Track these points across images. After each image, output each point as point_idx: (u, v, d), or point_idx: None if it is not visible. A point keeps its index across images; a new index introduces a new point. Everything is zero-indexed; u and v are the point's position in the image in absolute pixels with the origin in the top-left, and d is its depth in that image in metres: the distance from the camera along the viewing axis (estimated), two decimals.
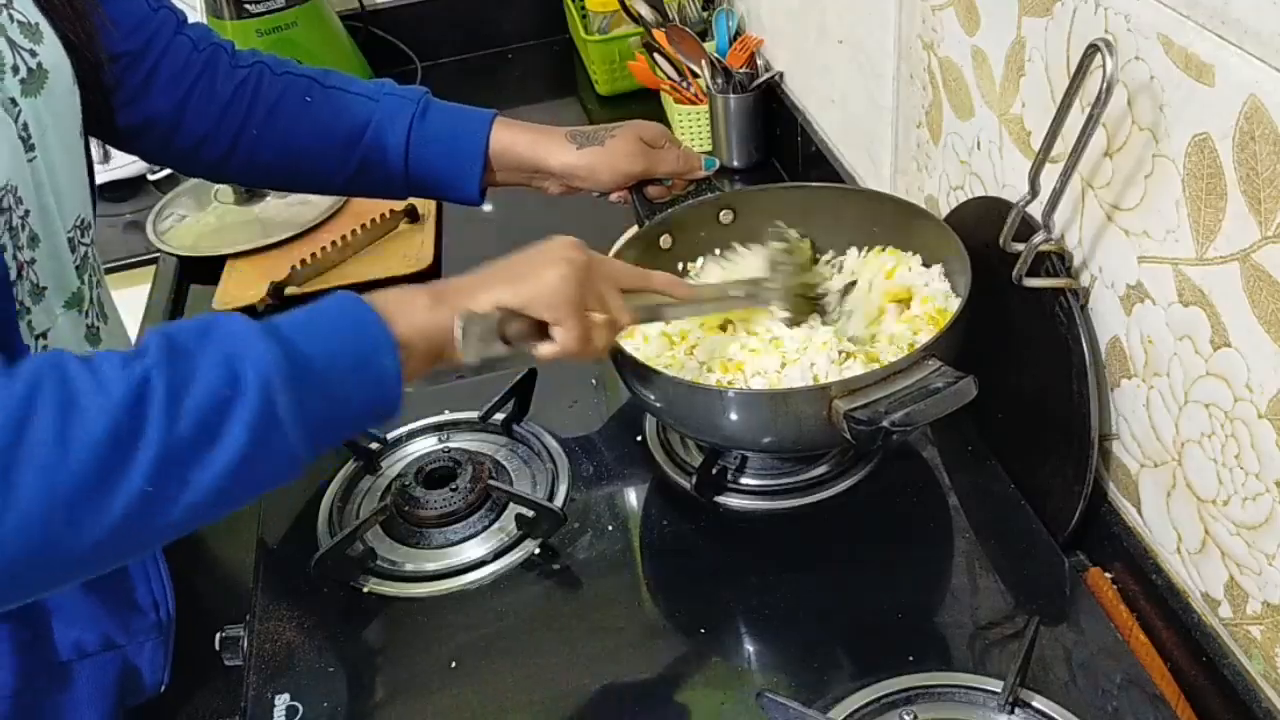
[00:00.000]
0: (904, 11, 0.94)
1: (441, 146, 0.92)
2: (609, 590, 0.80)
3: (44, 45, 0.69)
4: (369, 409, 0.61)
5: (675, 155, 0.95)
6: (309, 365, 0.57)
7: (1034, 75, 0.75)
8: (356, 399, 0.60)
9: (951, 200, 0.92)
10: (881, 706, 0.68)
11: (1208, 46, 0.57)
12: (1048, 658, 0.71)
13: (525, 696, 0.73)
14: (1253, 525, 0.63)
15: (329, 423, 0.59)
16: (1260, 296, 0.57)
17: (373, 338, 0.60)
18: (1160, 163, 0.63)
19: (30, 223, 0.66)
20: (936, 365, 0.72)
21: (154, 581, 0.76)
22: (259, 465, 0.55)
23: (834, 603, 0.77)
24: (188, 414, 0.52)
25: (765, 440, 0.80)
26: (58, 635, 0.73)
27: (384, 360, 0.60)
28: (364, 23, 1.70)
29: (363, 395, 0.60)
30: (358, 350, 0.60)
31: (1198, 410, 0.65)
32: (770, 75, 1.34)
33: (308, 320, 0.60)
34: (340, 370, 0.59)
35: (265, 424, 0.54)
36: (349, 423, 0.62)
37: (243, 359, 0.55)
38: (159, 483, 0.52)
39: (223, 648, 0.79)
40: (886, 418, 0.69)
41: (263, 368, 0.55)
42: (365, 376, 0.60)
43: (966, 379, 0.70)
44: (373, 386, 0.60)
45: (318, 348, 0.58)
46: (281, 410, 0.55)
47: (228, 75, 0.89)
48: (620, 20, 1.55)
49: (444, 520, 0.86)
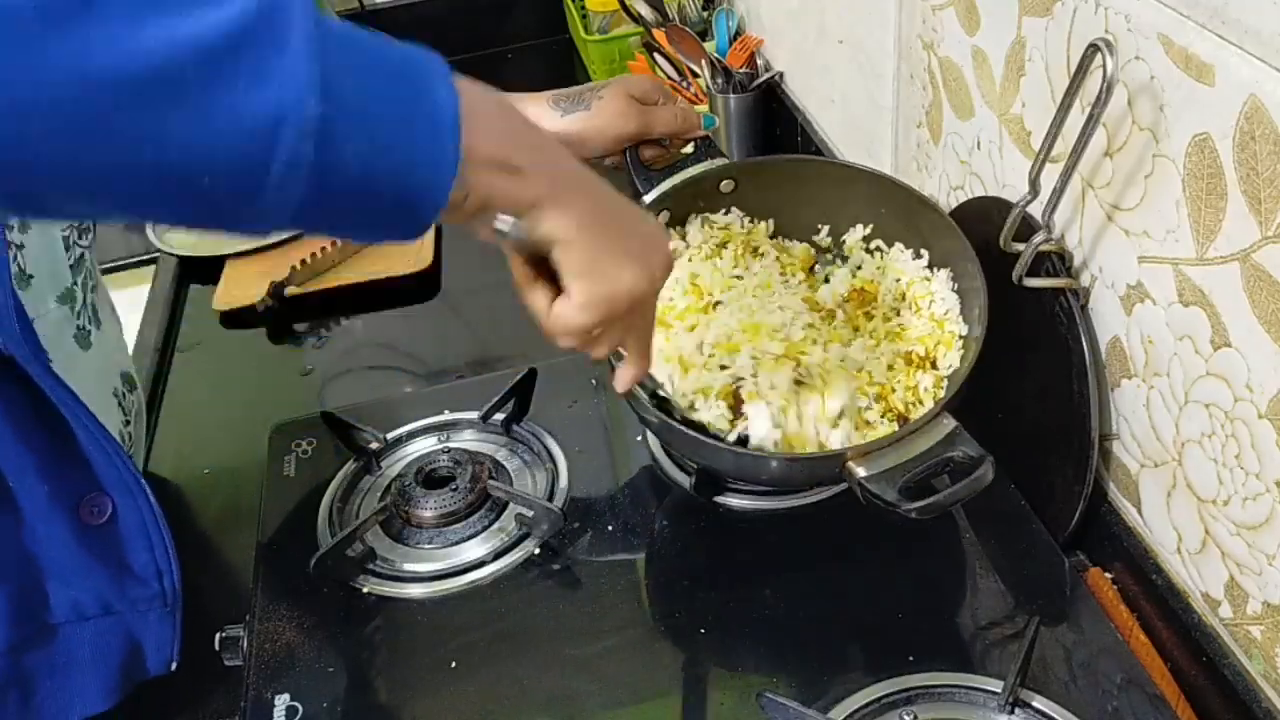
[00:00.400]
0: (904, 11, 0.94)
1: None
2: (609, 590, 0.80)
3: None
4: (408, 136, 0.46)
5: (671, 113, 0.87)
6: (342, 29, 0.45)
7: (1034, 75, 0.75)
8: (396, 104, 0.46)
9: (952, 200, 0.92)
10: (881, 706, 0.68)
11: (1208, 46, 0.57)
12: (1048, 658, 0.71)
13: (525, 696, 0.73)
14: (1253, 525, 0.63)
15: (350, 103, 0.44)
16: (1260, 296, 0.57)
17: (429, 65, 0.48)
18: (1160, 163, 0.63)
19: None
20: (953, 426, 0.71)
21: (157, 551, 0.75)
22: (242, 65, 0.41)
23: (834, 603, 0.77)
24: None
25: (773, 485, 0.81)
26: (53, 595, 0.73)
27: (438, 89, 0.47)
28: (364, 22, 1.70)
29: (406, 108, 0.46)
30: (411, 60, 0.48)
31: (1198, 410, 0.65)
32: (770, 75, 1.34)
33: (371, 47, 0.47)
34: (381, 57, 0.47)
35: (267, 16, 0.41)
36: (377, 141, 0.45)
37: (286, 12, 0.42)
38: None
39: (223, 648, 0.79)
40: (904, 505, 0.67)
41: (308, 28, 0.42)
42: (416, 93, 0.47)
43: (985, 461, 0.68)
44: (421, 112, 0.47)
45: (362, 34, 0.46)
46: (296, 16, 0.42)
47: None
48: (620, 20, 1.55)
49: (444, 520, 0.86)
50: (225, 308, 1.23)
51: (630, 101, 0.86)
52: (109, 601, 0.75)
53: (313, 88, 0.42)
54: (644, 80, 0.89)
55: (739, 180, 0.90)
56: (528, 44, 1.82)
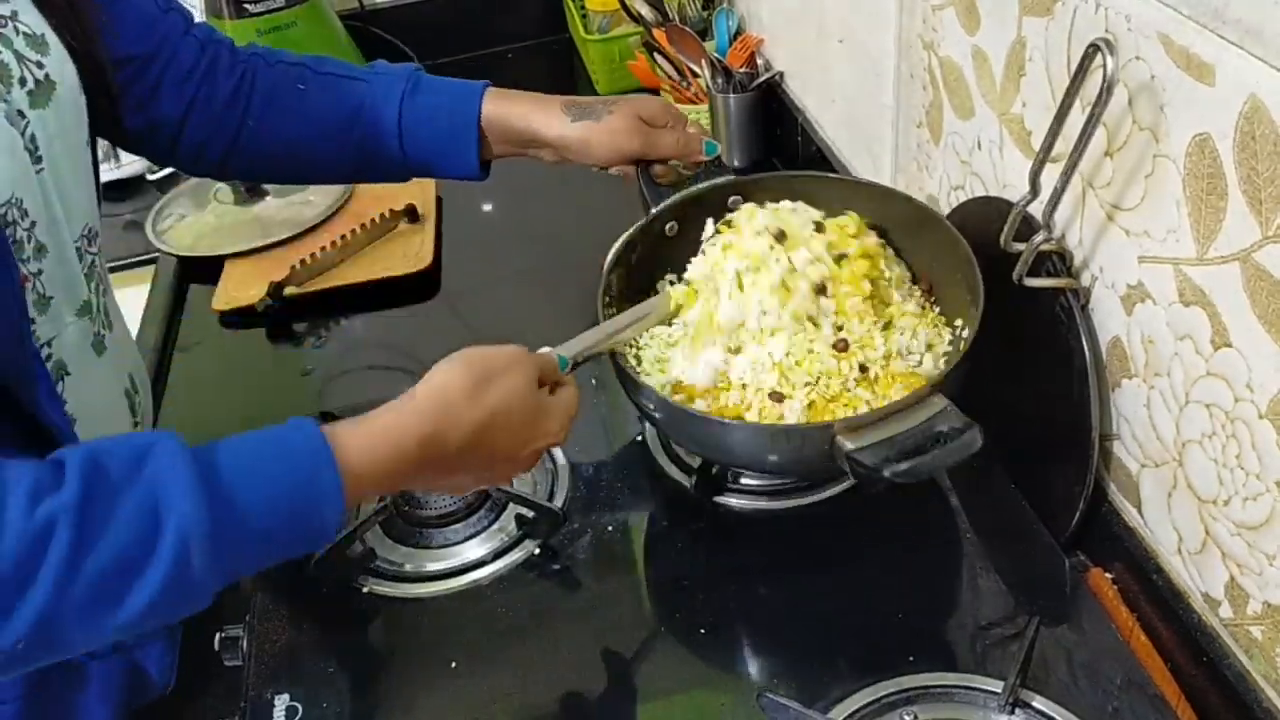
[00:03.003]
0: (904, 11, 0.94)
1: (434, 120, 0.90)
2: (609, 590, 0.80)
3: (50, 56, 0.69)
4: (295, 551, 0.58)
5: (675, 138, 0.91)
6: (239, 523, 0.54)
7: (1034, 75, 0.75)
8: (282, 552, 0.57)
9: (952, 200, 0.92)
10: (881, 706, 0.68)
11: (1208, 46, 0.57)
12: (1048, 658, 0.71)
13: (525, 696, 0.73)
14: (1253, 525, 0.63)
15: (247, 567, 0.57)
16: (1261, 296, 0.57)
17: (320, 492, 0.57)
18: (1161, 162, 0.63)
19: (37, 234, 0.66)
20: (943, 404, 0.71)
21: None
22: (160, 617, 0.53)
23: (834, 603, 0.77)
24: (89, 572, 0.49)
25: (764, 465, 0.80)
26: None
27: (325, 514, 0.57)
28: (364, 23, 1.70)
29: (289, 550, 0.58)
30: (297, 505, 0.56)
31: (1198, 410, 0.65)
32: (770, 75, 1.34)
33: (254, 459, 0.56)
34: (273, 531, 0.56)
35: (176, 584, 0.51)
36: (269, 563, 0.58)
37: (167, 512, 0.51)
38: (36, 642, 0.49)
39: (223, 648, 0.79)
40: (889, 467, 0.67)
41: (186, 527, 0.51)
42: (300, 538, 0.57)
43: (972, 429, 0.68)
44: (304, 544, 0.58)
45: (255, 502, 0.54)
46: (195, 571, 0.52)
47: (227, 73, 0.89)
48: (620, 20, 1.55)
49: (444, 520, 0.86)
50: (225, 308, 1.23)
51: (637, 121, 0.89)
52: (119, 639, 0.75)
53: (217, 589, 0.54)
54: (655, 103, 0.92)
55: (745, 195, 0.92)
56: (528, 44, 1.82)
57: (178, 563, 0.51)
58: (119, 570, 0.50)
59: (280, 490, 0.56)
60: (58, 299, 0.69)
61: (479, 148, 0.90)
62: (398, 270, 1.24)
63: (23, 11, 0.68)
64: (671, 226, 0.92)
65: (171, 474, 0.52)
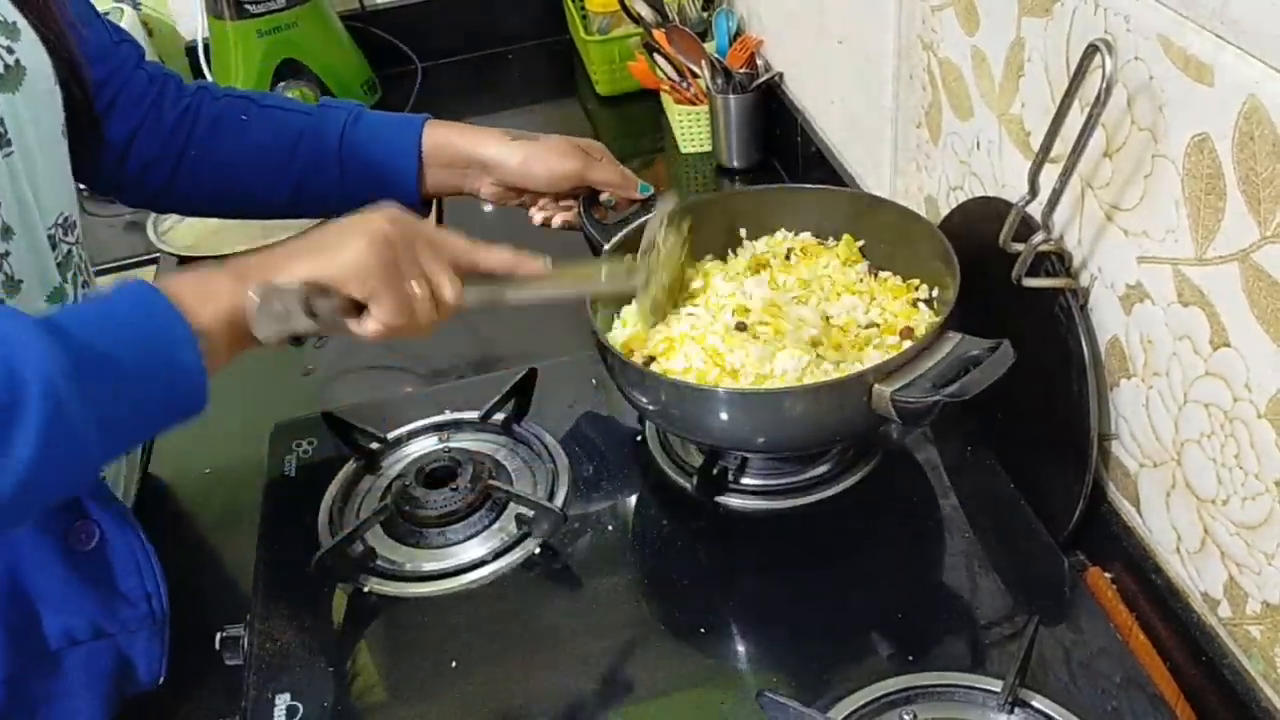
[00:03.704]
0: (904, 12, 0.94)
1: (374, 148, 0.92)
2: (609, 590, 0.80)
3: (22, 43, 0.70)
4: (172, 406, 0.58)
5: (612, 166, 0.95)
6: (98, 362, 0.53)
7: (1033, 75, 0.75)
8: (156, 397, 0.56)
9: (951, 200, 0.93)
10: (881, 706, 0.68)
11: (1207, 47, 0.57)
12: (1047, 657, 0.71)
13: (525, 696, 0.73)
14: (1252, 525, 0.63)
15: (128, 422, 0.56)
16: (1259, 296, 0.57)
17: (169, 331, 0.57)
18: (1160, 163, 0.63)
19: (2, 215, 0.67)
20: (959, 338, 0.72)
21: (145, 574, 0.76)
22: (51, 473, 0.52)
23: (834, 603, 0.77)
24: None
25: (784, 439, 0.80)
26: (47, 623, 0.74)
27: (183, 355, 0.57)
28: (364, 23, 1.71)
29: (163, 393, 0.57)
30: (153, 345, 0.56)
31: (1197, 410, 0.65)
32: (770, 75, 1.34)
33: (97, 314, 0.56)
34: (135, 367, 0.55)
35: (54, 429, 0.50)
36: (150, 421, 0.58)
37: (22, 362, 0.50)
38: None
39: (223, 648, 0.79)
40: (939, 392, 0.68)
41: (45, 368, 0.50)
42: (163, 374, 0.56)
43: (1003, 344, 0.70)
44: (173, 383, 0.57)
45: (107, 343, 0.54)
46: (71, 413, 0.51)
47: (173, 103, 0.91)
48: (620, 20, 1.55)
49: (444, 520, 0.86)
50: None
51: (574, 146, 0.93)
52: (100, 625, 0.75)
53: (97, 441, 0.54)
54: (589, 141, 0.96)
55: (696, 219, 0.93)
56: (528, 44, 1.82)
57: (48, 402, 0.50)
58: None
59: (128, 339, 0.55)
60: (28, 282, 0.69)
61: (419, 178, 0.92)
62: None
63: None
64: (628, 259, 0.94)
65: (14, 328, 0.52)
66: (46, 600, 0.73)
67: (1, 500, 0.50)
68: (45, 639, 0.74)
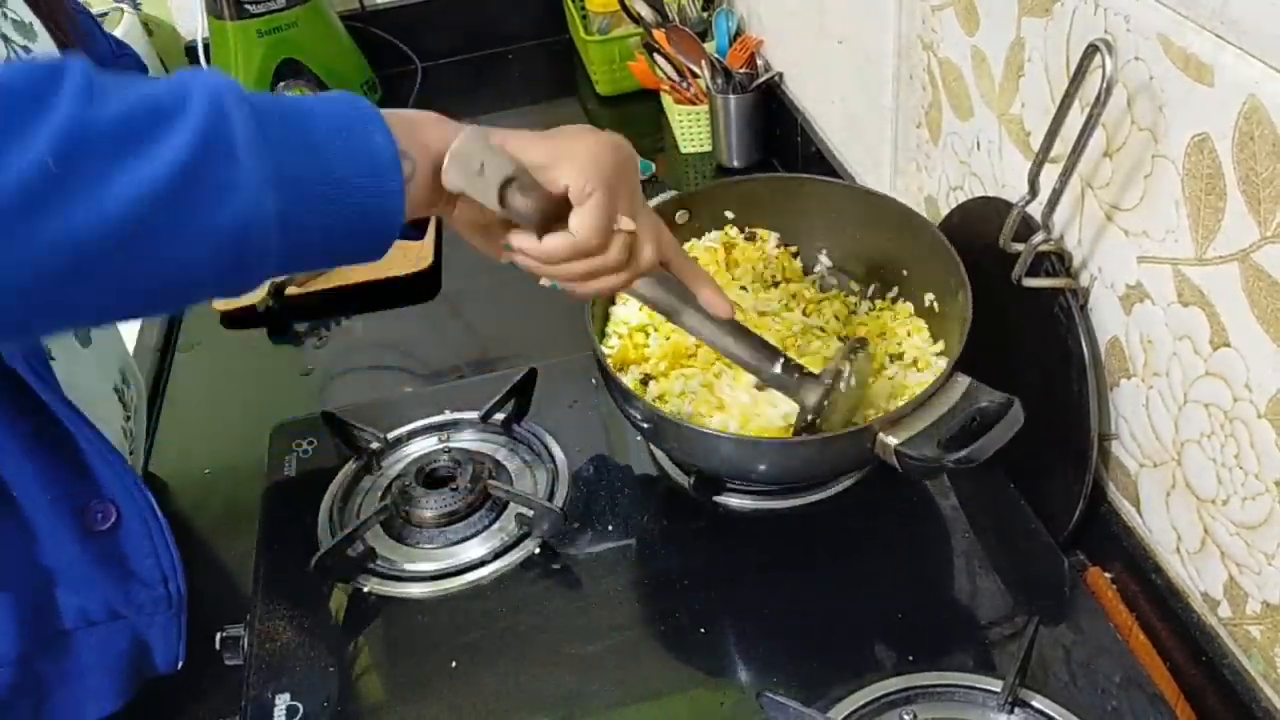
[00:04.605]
0: (904, 12, 0.94)
1: None
2: (609, 590, 0.80)
3: (38, 44, 0.70)
4: (357, 186, 0.51)
5: None
6: (277, 108, 0.49)
7: (1033, 75, 0.75)
8: (340, 163, 0.50)
9: (951, 200, 0.92)
10: (881, 706, 0.68)
11: (1207, 46, 0.57)
12: (1047, 657, 0.71)
13: (525, 696, 0.73)
14: (1252, 525, 0.63)
15: (299, 177, 0.49)
16: (1259, 296, 0.57)
17: (362, 111, 0.51)
18: (1160, 163, 0.63)
19: None
20: (968, 382, 0.72)
21: (161, 555, 0.76)
22: (201, 190, 0.45)
23: (834, 602, 0.77)
24: (111, 104, 0.44)
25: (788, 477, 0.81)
26: (61, 603, 0.74)
27: (373, 134, 0.51)
28: (364, 23, 1.70)
29: (349, 165, 0.50)
30: (342, 114, 0.51)
31: (1197, 410, 0.65)
32: (770, 75, 1.34)
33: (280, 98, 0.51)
34: (319, 123, 0.50)
35: (214, 137, 0.45)
36: (328, 195, 0.50)
37: (194, 81, 0.46)
38: (65, 160, 0.43)
39: (223, 648, 0.79)
40: (947, 456, 0.67)
41: (218, 86, 0.46)
42: (352, 145, 0.51)
43: (1013, 403, 0.69)
44: (362, 160, 0.51)
45: (291, 103, 0.50)
46: (236, 130, 0.46)
47: None
48: (620, 20, 1.55)
49: (444, 520, 0.86)
50: (225, 308, 1.23)
51: None
52: (115, 607, 0.75)
53: (265, 185, 0.47)
54: None
55: (692, 210, 0.93)
56: (528, 44, 1.82)
57: (214, 111, 0.46)
58: (147, 109, 0.45)
59: (314, 103, 0.51)
60: None
61: None
62: (398, 270, 1.24)
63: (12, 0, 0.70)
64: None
65: (191, 72, 0.48)
66: (62, 580, 0.73)
67: (127, 200, 0.44)
68: (60, 619, 0.74)
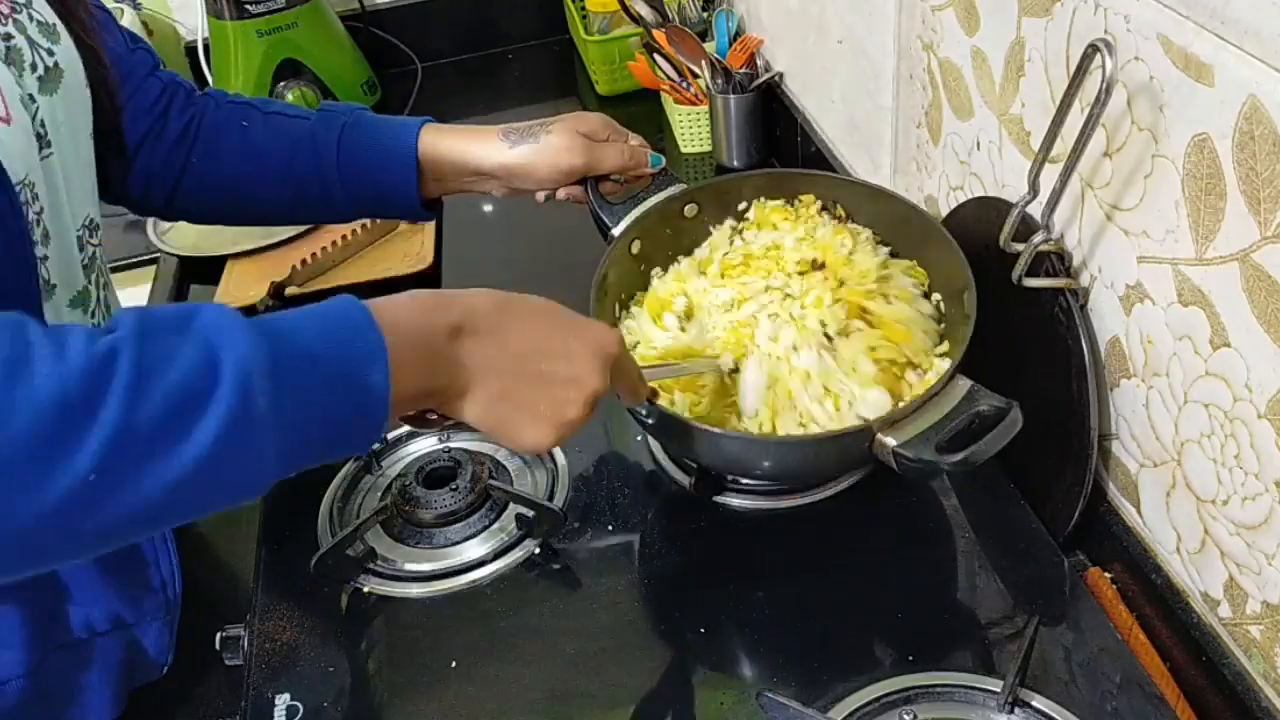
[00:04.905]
0: (904, 12, 0.94)
1: (372, 156, 0.89)
2: (609, 590, 0.80)
3: (60, 45, 0.70)
4: (350, 428, 0.55)
5: (618, 149, 0.91)
6: (293, 365, 0.52)
7: (1034, 75, 0.75)
8: (339, 413, 0.54)
9: (951, 200, 0.92)
10: (881, 706, 0.69)
11: (1207, 46, 0.57)
12: (1047, 657, 0.71)
13: (525, 696, 0.73)
14: (1252, 525, 0.63)
15: (306, 435, 0.54)
16: (1259, 296, 0.57)
17: (366, 347, 0.55)
18: (1160, 163, 0.63)
19: (44, 220, 0.67)
20: (969, 385, 0.72)
21: (163, 563, 0.77)
22: (225, 470, 0.50)
23: (834, 602, 0.77)
24: (154, 399, 0.47)
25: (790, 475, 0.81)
26: (71, 615, 0.74)
27: (373, 376, 0.55)
28: (364, 23, 1.70)
29: (346, 410, 0.55)
30: (347, 358, 0.54)
31: (1197, 410, 0.65)
32: (770, 75, 1.34)
33: (299, 318, 0.55)
34: (325, 377, 0.53)
35: (241, 423, 0.49)
36: (328, 440, 0.55)
37: (224, 349, 0.49)
38: (108, 470, 0.46)
39: (223, 648, 0.79)
40: (944, 459, 0.67)
41: (245, 361, 0.49)
42: (351, 388, 0.54)
43: (1012, 408, 0.69)
44: (357, 401, 0.55)
45: (304, 346, 0.53)
46: (259, 410, 0.50)
47: (179, 114, 0.90)
48: (620, 20, 1.55)
49: (444, 520, 0.86)
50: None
51: (577, 137, 0.89)
52: (120, 615, 0.76)
53: (279, 460, 0.51)
54: (593, 118, 0.92)
55: (701, 203, 0.92)
56: (528, 44, 1.82)
57: (241, 394, 0.49)
58: (186, 396, 0.48)
59: (323, 349, 0.54)
60: (59, 287, 0.70)
61: (419, 184, 0.90)
62: (398, 270, 1.24)
63: (36, 1, 0.70)
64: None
65: (224, 320, 0.51)
66: (70, 593, 0.73)
67: (164, 486, 0.47)
68: (69, 631, 0.74)
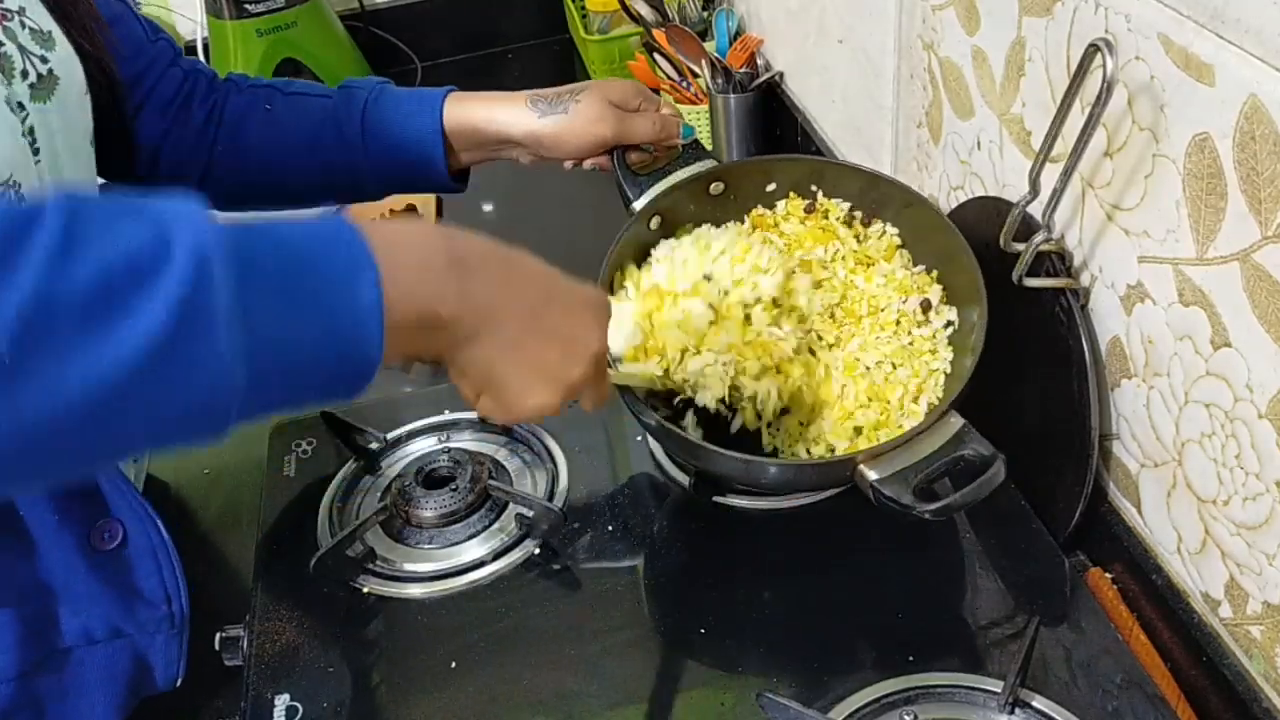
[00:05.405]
0: (904, 11, 0.94)
1: (396, 128, 0.88)
2: (609, 590, 0.80)
3: (55, 53, 0.70)
4: (333, 352, 0.47)
5: (649, 119, 0.88)
6: (264, 260, 0.45)
7: (1034, 75, 0.75)
8: (320, 327, 0.46)
9: (951, 200, 0.92)
10: (881, 706, 0.68)
11: (1208, 46, 0.57)
12: (1048, 658, 0.71)
13: (525, 697, 0.73)
14: (1253, 525, 0.63)
15: (279, 352, 0.45)
16: (1260, 296, 0.57)
17: (350, 253, 0.47)
18: (1160, 163, 0.63)
19: None
20: (960, 424, 0.72)
21: (165, 574, 0.76)
22: (172, 374, 0.41)
23: (834, 602, 0.77)
24: (85, 267, 0.39)
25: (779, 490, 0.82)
26: (64, 621, 0.73)
27: (360, 284, 0.47)
28: (364, 23, 1.70)
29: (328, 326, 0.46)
30: (330, 258, 0.47)
31: (1198, 410, 0.65)
32: (770, 75, 1.34)
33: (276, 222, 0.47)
34: (303, 277, 0.46)
35: (193, 313, 0.41)
36: (306, 364, 0.47)
37: (179, 228, 0.42)
38: (23, 345, 0.38)
39: (223, 648, 0.79)
40: (920, 507, 0.67)
41: (204, 244, 0.42)
42: (337, 300, 0.46)
43: (996, 460, 0.69)
44: (342, 315, 0.47)
45: (277, 245, 0.46)
46: (217, 304, 0.42)
47: (202, 103, 0.89)
48: (620, 20, 1.55)
49: (444, 520, 0.86)
50: None
51: (607, 106, 0.86)
52: (118, 625, 0.75)
53: (238, 360, 0.43)
54: (624, 85, 0.89)
55: (728, 182, 0.90)
56: (528, 44, 1.82)
57: (196, 276, 0.41)
58: (124, 270, 0.40)
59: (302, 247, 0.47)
60: None
61: (446, 155, 0.88)
62: None
63: (31, 8, 0.69)
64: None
65: (182, 203, 0.44)
66: (65, 599, 0.73)
67: (92, 381, 0.40)
68: (62, 637, 0.73)
